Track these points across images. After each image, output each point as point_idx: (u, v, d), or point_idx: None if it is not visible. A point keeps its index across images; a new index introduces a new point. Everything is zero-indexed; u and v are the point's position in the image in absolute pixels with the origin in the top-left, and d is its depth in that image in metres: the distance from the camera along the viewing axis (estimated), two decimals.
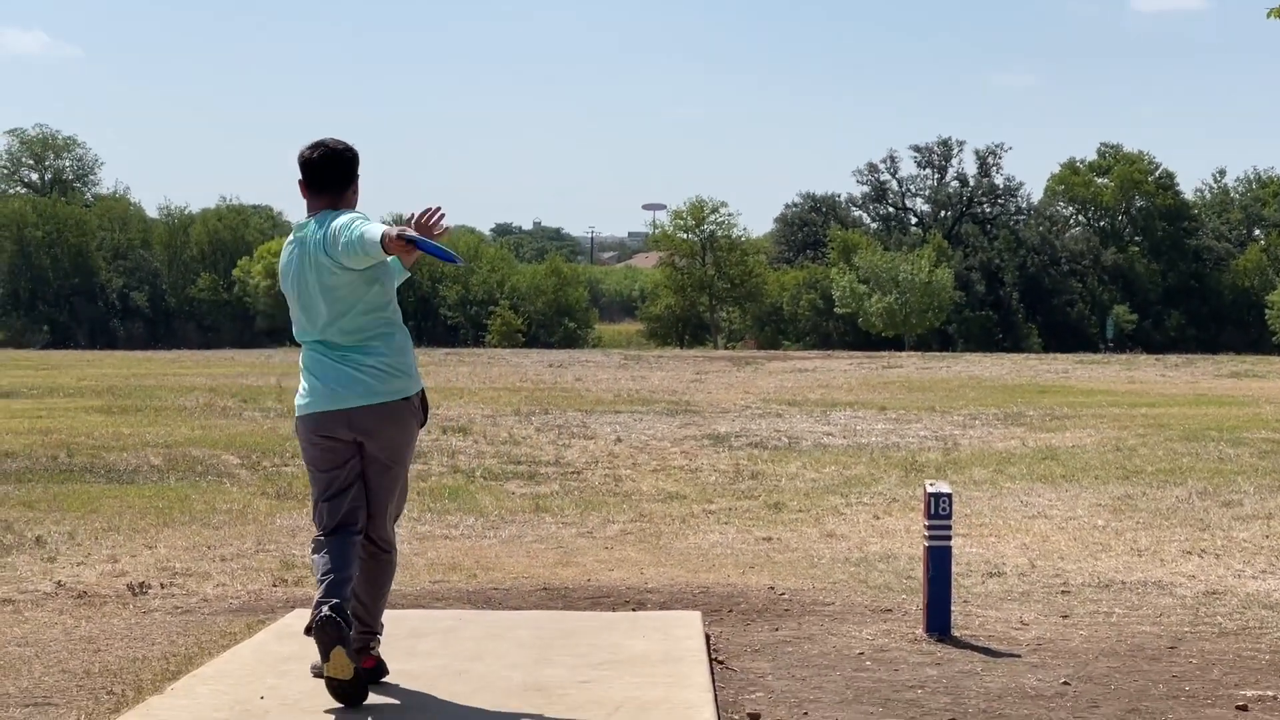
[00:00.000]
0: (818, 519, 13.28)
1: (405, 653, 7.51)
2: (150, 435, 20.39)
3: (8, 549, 11.50)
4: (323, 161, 6.78)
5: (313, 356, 6.83)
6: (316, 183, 6.80)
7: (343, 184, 6.83)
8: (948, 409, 25.83)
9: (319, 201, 6.80)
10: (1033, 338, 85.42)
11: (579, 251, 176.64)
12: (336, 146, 6.82)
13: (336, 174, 6.81)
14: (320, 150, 6.79)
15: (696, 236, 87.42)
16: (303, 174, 6.83)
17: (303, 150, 6.82)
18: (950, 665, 7.81)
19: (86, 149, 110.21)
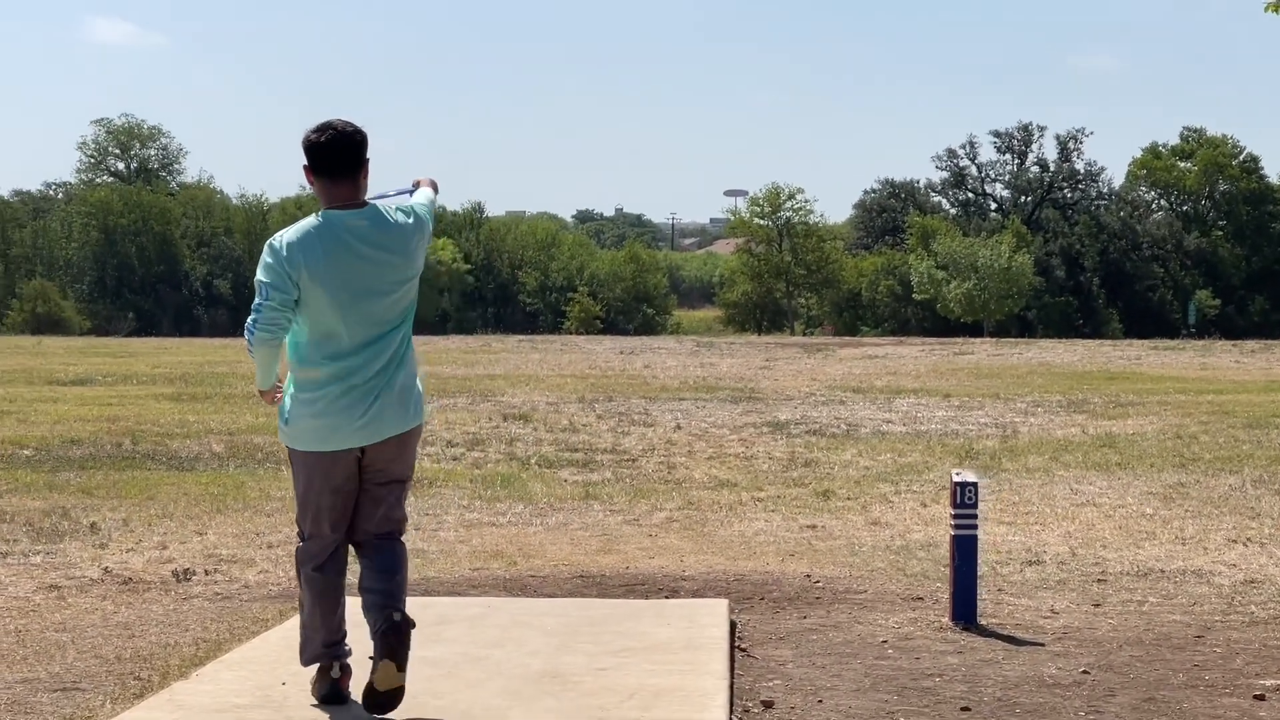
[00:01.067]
0: (865, 507, 13.30)
1: (429, 639, 7.59)
2: (215, 422, 20.64)
3: (61, 535, 11.69)
4: (334, 145, 6.25)
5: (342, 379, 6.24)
6: (330, 169, 6.27)
7: (357, 167, 6.31)
8: (1012, 396, 25.72)
9: (339, 190, 6.27)
10: (1113, 323, 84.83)
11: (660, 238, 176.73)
12: (346, 129, 6.27)
13: (350, 157, 6.29)
14: (329, 133, 6.25)
15: (772, 223, 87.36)
16: (311, 160, 6.29)
17: (308, 134, 6.27)
18: (972, 654, 7.83)
19: (171, 138, 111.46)
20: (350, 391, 6.24)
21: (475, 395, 25.60)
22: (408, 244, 6.32)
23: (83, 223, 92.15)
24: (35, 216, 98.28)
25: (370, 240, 6.23)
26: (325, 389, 6.25)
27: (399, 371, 6.33)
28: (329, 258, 6.16)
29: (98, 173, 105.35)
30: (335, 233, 6.20)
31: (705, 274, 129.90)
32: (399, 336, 6.35)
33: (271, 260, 6.20)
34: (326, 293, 6.16)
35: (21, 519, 12.38)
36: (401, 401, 6.33)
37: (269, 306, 6.16)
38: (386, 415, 6.29)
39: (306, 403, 6.28)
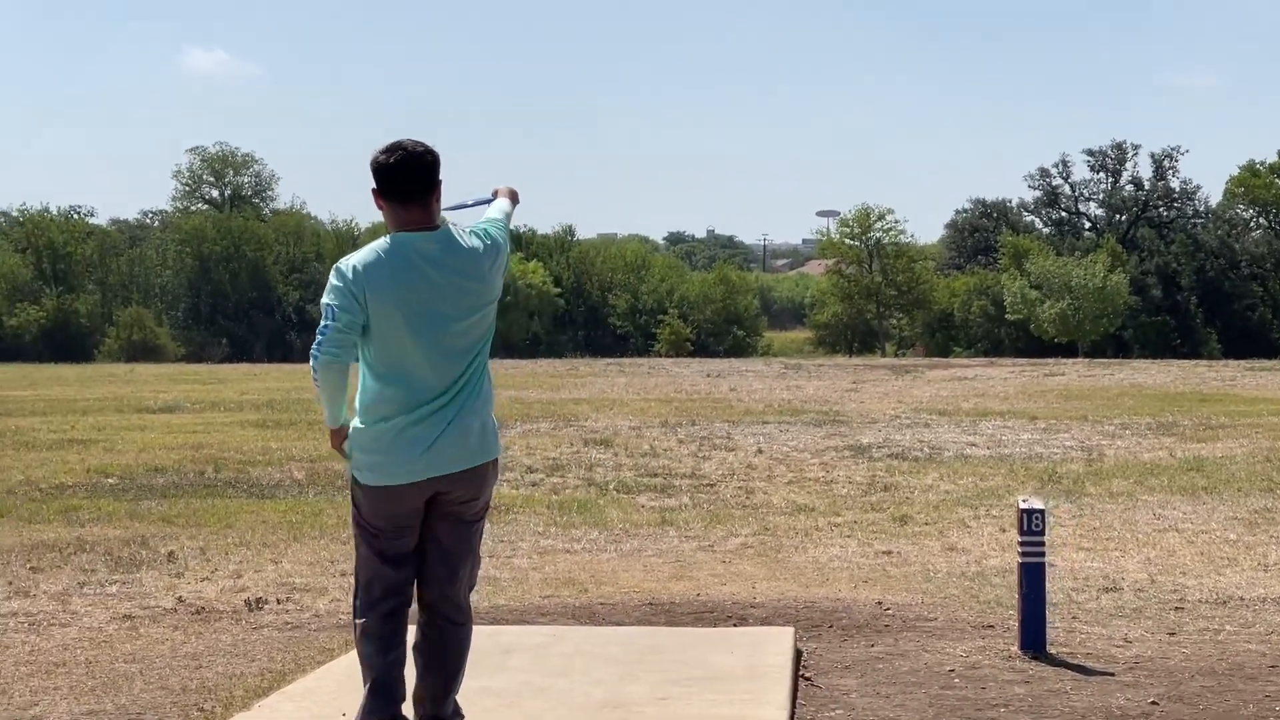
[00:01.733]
0: (942, 532, 13.19)
1: (494, 668, 7.58)
2: (296, 449, 20.76)
3: (139, 565, 11.77)
4: (404, 166, 5.90)
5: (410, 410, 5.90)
6: (400, 192, 5.92)
7: (429, 190, 5.96)
8: (1100, 418, 25.46)
9: (410, 213, 5.93)
10: (1211, 343, 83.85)
11: (752, 259, 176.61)
12: (416, 149, 5.93)
13: (421, 179, 5.93)
14: (398, 154, 5.90)
15: (863, 244, 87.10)
16: (380, 182, 5.95)
17: (376, 155, 5.93)
18: (1040, 684, 7.73)
19: (264, 165, 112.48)
20: (419, 423, 5.87)
21: (558, 420, 25.63)
22: (481, 268, 5.99)
23: (177, 250, 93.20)
24: (132, 244, 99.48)
25: (442, 264, 5.91)
26: (392, 420, 5.88)
27: (472, 402, 5.97)
28: (398, 282, 5.85)
29: (192, 200, 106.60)
30: (405, 256, 5.88)
31: (797, 295, 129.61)
32: (473, 366, 5.99)
33: (338, 283, 5.89)
34: (395, 318, 5.85)
35: (101, 548, 12.49)
36: (473, 434, 5.96)
37: (334, 329, 5.84)
38: (457, 448, 5.91)
39: (372, 434, 5.92)
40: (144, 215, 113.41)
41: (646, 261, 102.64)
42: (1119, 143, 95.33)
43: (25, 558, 12.03)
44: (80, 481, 17.34)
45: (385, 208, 5.98)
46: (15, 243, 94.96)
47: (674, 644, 8.33)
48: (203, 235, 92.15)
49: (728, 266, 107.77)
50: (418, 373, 5.89)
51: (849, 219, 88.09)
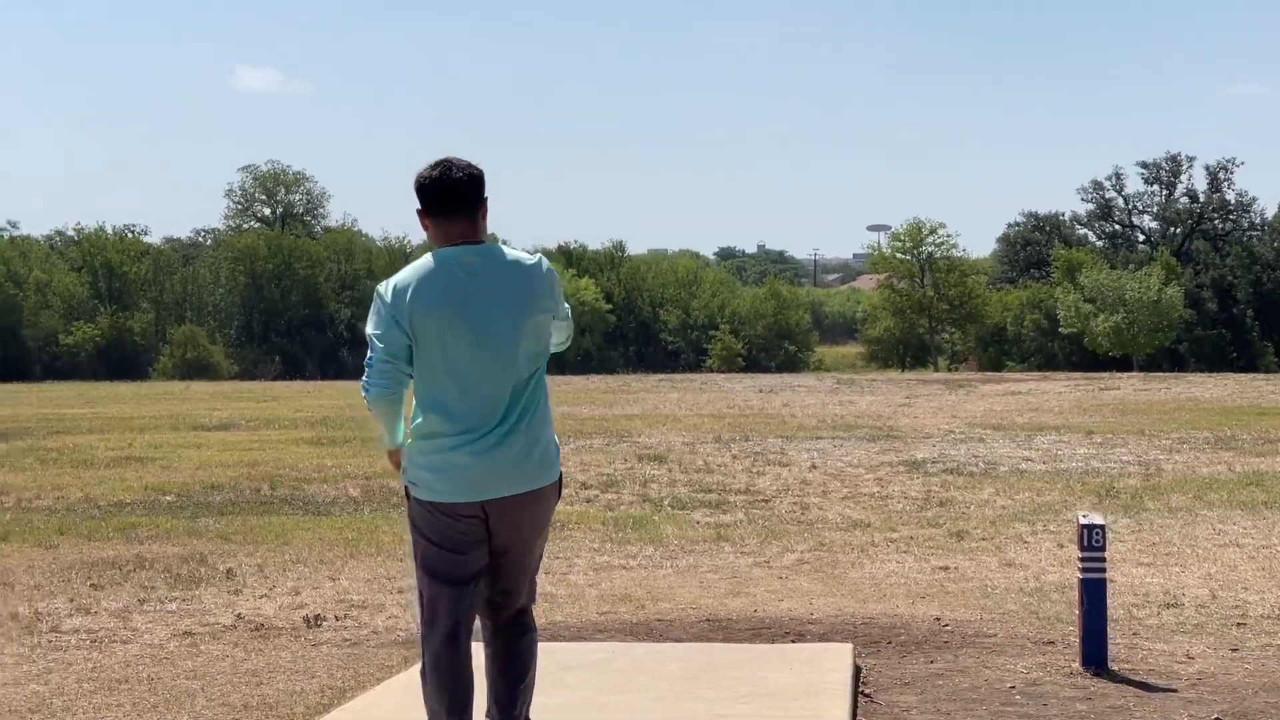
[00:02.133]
0: (999, 547, 13.13)
1: (552, 685, 7.58)
2: (351, 467, 20.83)
3: (198, 582, 11.83)
4: (448, 182, 5.77)
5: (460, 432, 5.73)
6: (444, 208, 5.78)
7: (475, 206, 5.82)
8: (1157, 433, 25.32)
9: (455, 228, 5.79)
10: (1268, 356, 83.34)
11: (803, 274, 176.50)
12: (461, 165, 5.81)
13: (466, 195, 5.80)
14: (442, 169, 5.78)
15: (914, 258, 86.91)
16: (424, 200, 5.81)
17: (420, 174, 5.80)
18: (1101, 700, 7.68)
19: (315, 182, 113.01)
20: (473, 443, 5.69)
21: (611, 436, 25.64)
22: (530, 284, 5.81)
23: (230, 268, 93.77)
24: (185, 263, 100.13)
25: (486, 277, 5.74)
26: (446, 439, 5.71)
27: (528, 421, 5.78)
28: (441, 299, 5.69)
29: (245, 218, 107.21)
30: (448, 272, 5.72)
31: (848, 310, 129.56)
32: (529, 383, 5.81)
33: (380, 308, 5.78)
34: (442, 336, 5.68)
35: (160, 565, 12.56)
36: (532, 455, 5.79)
37: (380, 360, 5.73)
38: (514, 471, 5.75)
39: (426, 453, 5.75)
40: (197, 233, 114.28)
41: (697, 277, 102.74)
42: (1173, 155, 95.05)
43: (86, 575, 12.11)
44: (138, 499, 17.44)
45: (430, 226, 5.85)
46: (71, 261, 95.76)
47: (732, 660, 8.32)
48: (255, 253, 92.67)
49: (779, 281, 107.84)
50: (469, 391, 5.71)
51: (900, 233, 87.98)
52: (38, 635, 9.82)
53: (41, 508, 16.80)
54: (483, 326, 5.70)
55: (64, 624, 10.19)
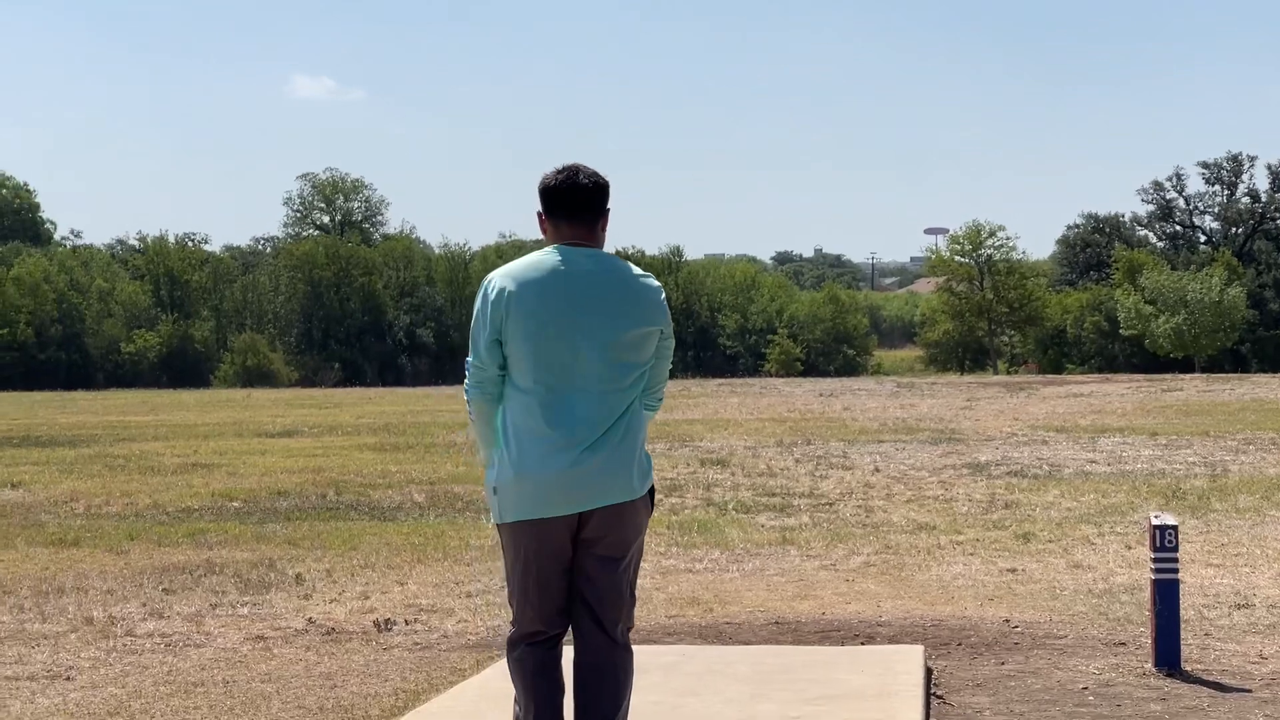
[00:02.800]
0: (1066, 549, 13.09)
1: None
2: (416, 472, 20.93)
3: (268, 586, 11.92)
4: (573, 188, 5.66)
5: (554, 437, 5.51)
6: (567, 212, 5.67)
7: (596, 215, 5.70)
8: (1223, 433, 25.19)
9: (574, 233, 5.68)
10: None
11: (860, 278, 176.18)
12: (588, 172, 5.69)
13: (590, 203, 5.69)
14: (568, 174, 5.67)
15: (973, 261, 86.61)
16: (547, 203, 5.69)
17: (546, 176, 5.69)
18: (1176, 701, 7.67)
19: (373, 190, 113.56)
20: (563, 451, 5.49)
21: (673, 440, 25.67)
22: (641, 295, 5.65)
23: (289, 276, 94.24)
24: (245, 271, 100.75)
25: (596, 280, 5.58)
26: (532, 449, 5.51)
27: (622, 433, 5.57)
28: (546, 292, 5.53)
29: (303, 226, 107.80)
30: (556, 266, 5.58)
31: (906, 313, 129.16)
32: (626, 396, 5.61)
33: (480, 304, 5.61)
34: (541, 335, 5.50)
35: (230, 570, 12.66)
36: (621, 467, 5.56)
37: (475, 366, 5.61)
38: (602, 481, 5.52)
39: (513, 463, 5.54)
40: (256, 241, 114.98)
41: (755, 281, 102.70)
42: (1234, 154, 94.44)
43: (158, 580, 12.22)
44: (205, 505, 17.58)
45: (549, 229, 5.71)
46: (133, 270, 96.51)
47: (803, 663, 8.34)
48: (314, 261, 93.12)
49: (836, 285, 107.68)
50: (564, 392, 5.53)
51: (959, 236, 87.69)
52: (113, 639, 9.92)
53: (111, 514, 16.95)
54: (586, 323, 5.52)
55: (138, 628, 10.29)
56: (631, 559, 5.75)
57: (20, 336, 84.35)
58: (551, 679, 5.69)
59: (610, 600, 5.68)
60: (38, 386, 70.66)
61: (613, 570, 5.68)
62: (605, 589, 5.67)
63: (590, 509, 5.55)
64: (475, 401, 5.66)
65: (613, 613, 5.70)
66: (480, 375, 5.61)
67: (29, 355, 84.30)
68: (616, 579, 5.69)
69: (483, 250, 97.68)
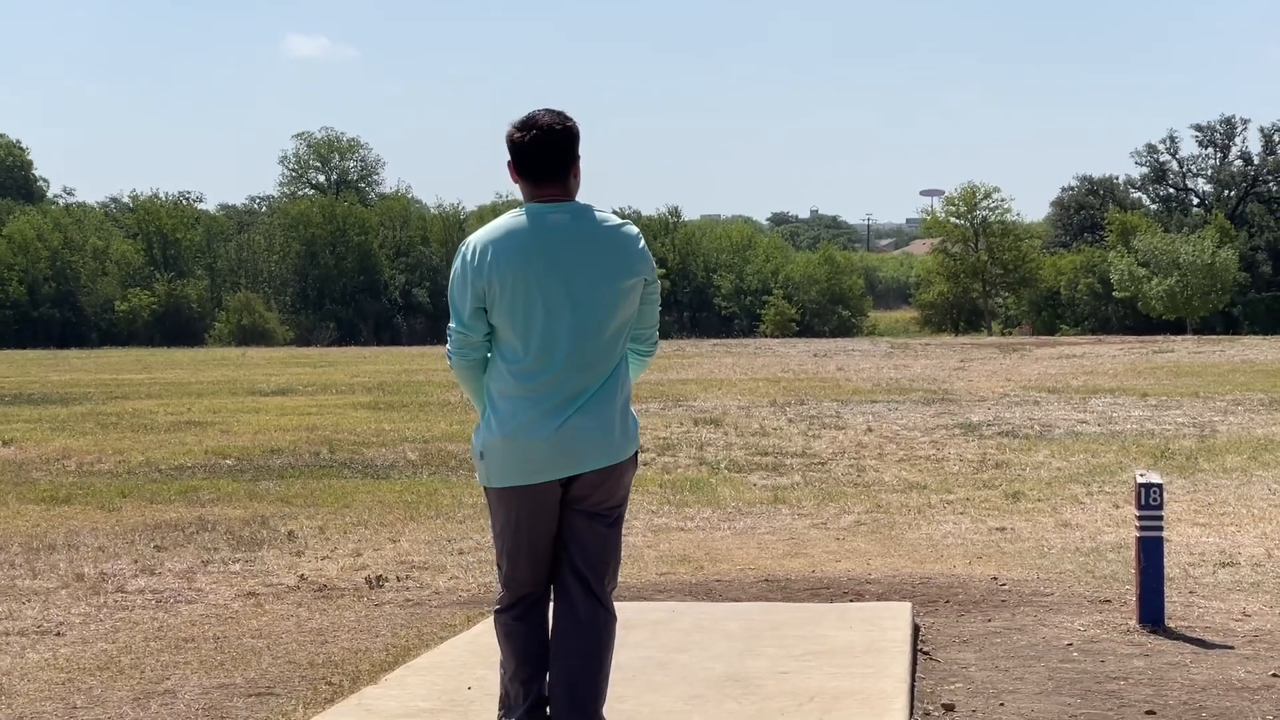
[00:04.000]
0: (1055, 508, 13.16)
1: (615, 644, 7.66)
2: (410, 431, 20.98)
3: (260, 543, 11.97)
4: (540, 142, 5.48)
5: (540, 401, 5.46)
6: (535, 168, 5.51)
7: (566, 166, 5.54)
8: (1212, 394, 25.26)
9: (545, 191, 5.52)
10: None
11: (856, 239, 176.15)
12: (554, 125, 5.50)
13: (558, 154, 5.51)
14: (534, 132, 5.47)
15: (968, 222, 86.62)
16: (515, 157, 5.53)
17: (511, 129, 5.51)
18: (1159, 656, 7.73)
19: (369, 149, 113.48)
20: (550, 415, 5.44)
21: (667, 400, 25.73)
22: (622, 246, 5.55)
23: (284, 236, 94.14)
24: (240, 230, 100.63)
25: (574, 239, 5.48)
26: (518, 413, 5.46)
27: (609, 395, 5.53)
28: (523, 258, 5.43)
29: (299, 185, 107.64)
30: (533, 227, 5.47)
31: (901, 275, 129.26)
32: (611, 356, 5.56)
33: (459, 269, 5.54)
34: (522, 298, 5.43)
35: (223, 527, 12.71)
36: (609, 429, 5.53)
37: (457, 331, 5.56)
38: (590, 444, 5.49)
39: (498, 427, 5.50)
40: (252, 200, 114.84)
41: (751, 242, 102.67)
42: (1228, 117, 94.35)
43: (150, 537, 12.27)
44: (199, 463, 17.63)
45: (520, 184, 5.58)
46: (126, 229, 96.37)
47: (792, 619, 8.39)
48: (309, 220, 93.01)
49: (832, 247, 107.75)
50: (548, 356, 5.46)
51: (955, 197, 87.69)
52: (103, 595, 9.98)
53: (103, 471, 17.00)
54: (567, 284, 5.44)
55: (129, 584, 10.35)
56: (619, 517, 5.75)
57: (13, 294, 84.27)
58: (540, 642, 5.70)
59: (598, 558, 5.68)
60: (31, 344, 70.68)
61: (600, 527, 5.68)
62: (593, 547, 5.66)
63: (578, 473, 5.53)
64: (459, 368, 5.65)
65: (600, 570, 5.68)
66: (464, 342, 5.57)
67: (22, 313, 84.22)
68: (604, 535, 5.69)
69: (479, 210, 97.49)
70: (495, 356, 5.58)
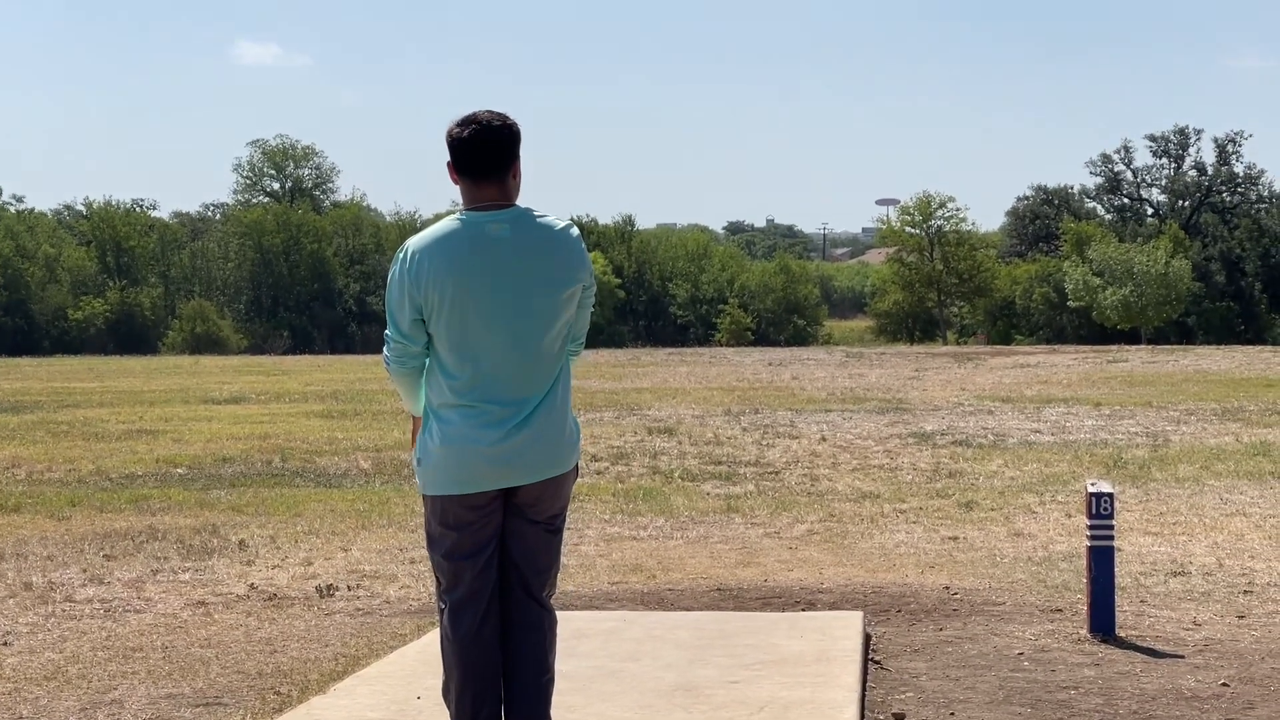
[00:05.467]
0: (1008, 518, 13.18)
1: (565, 653, 7.57)
2: (362, 439, 20.92)
3: (211, 552, 11.90)
4: (478, 140, 5.40)
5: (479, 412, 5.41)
6: (474, 167, 5.43)
7: (505, 166, 5.47)
8: (1165, 404, 25.37)
9: (484, 191, 5.44)
10: (1276, 328, 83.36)
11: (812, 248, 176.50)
12: (493, 122, 5.44)
13: (497, 154, 5.44)
14: (473, 128, 5.41)
15: (923, 232, 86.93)
16: (454, 156, 5.45)
17: (451, 127, 5.45)
18: (1109, 666, 7.74)
19: (324, 157, 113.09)
20: (490, 426, 5.38)
21: (621, 409, 25.71)
22: (562, 252, 5.49)
23: (238, 243, 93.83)
24: (194, 237, 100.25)
25: (512, 246, 5.40)
26: (459, 424, 5.40)
27: (550, 406, 5.48)
28: (460, 267, 5.35)
29: (254, 193, 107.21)
30: (470, 238, 5.38)
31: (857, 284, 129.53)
32: (552, 366, 5.51)
33: (397, 277, 5.45)
34: (459, 308, 5.35)
35: (173, 536, 12.63)
36: (552, 441, 5.49)
37: (394, 339, 5.49)
38: (532, 456, 5.44)
39: (439, 437, 5.43)
40: (205, 208, 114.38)
41: (707, 251, 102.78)
42: (1181, 128, 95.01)
43: (99, 546, 12.18)
44: (150, 471, 17.52)
45: (460, 184, 5.49)
46: (80, 236, 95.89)
47: (743, 628, 8.38)
48: (263, 228, 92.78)
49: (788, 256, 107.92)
50: (489, 369, 5.39)
51: (910, 207, 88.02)
52: (51, 605, 9.89)
53: (53, 479, 16.88)
54: (506, 297, 5.37)
55: (77, 594, 10.26)
56: (560, 525, 5.72)
57: None
58: (489, 661, 5.58)
59: (541, 563, 5.64)
60: None
61: (542, 533, 5.64)
62: (536, 551, 5.62)
63: (520, 485, 5.49)
64: (398, 376, 5.59)
65: (541, 575, 5.65)
66: (402, 351, 5.50)
67: None
68: (546, 541, 5.65)
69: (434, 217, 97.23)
70: (433, 366, 5.50)
